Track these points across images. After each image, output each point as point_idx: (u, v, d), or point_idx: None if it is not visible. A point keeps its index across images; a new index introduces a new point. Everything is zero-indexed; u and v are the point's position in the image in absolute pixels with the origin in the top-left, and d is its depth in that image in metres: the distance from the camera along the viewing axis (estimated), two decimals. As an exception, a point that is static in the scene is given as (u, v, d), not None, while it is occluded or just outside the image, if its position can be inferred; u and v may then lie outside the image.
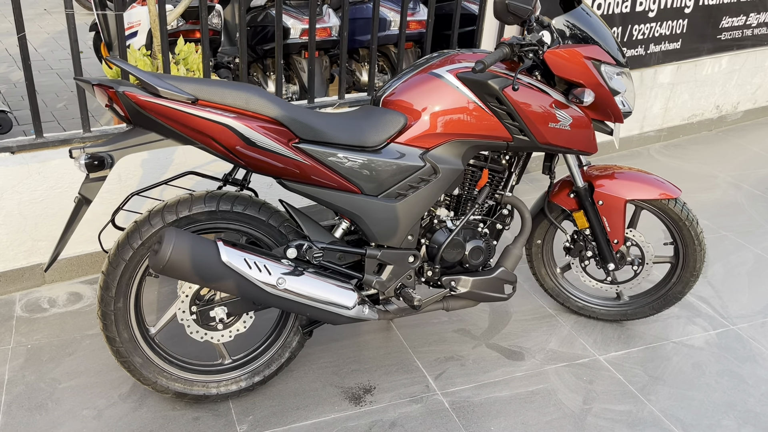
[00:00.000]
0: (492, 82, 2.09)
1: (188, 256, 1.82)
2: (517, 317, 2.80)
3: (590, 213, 2.48)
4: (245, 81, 3.08)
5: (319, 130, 2.00)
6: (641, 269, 2.61)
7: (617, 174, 2.47)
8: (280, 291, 1.95)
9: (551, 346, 2.62)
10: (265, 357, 2.24)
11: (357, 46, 5.04)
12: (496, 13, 2.01)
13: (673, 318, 2.83)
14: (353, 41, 4.95)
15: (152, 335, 2.14)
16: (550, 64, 2.16)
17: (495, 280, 2.34)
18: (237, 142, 1.90)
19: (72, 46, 2.64)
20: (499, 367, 2.49)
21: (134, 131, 1.93)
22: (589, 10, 2.28)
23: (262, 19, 4.55)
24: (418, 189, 2.15)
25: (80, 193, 1.89)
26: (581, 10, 2.26)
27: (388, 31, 4.84)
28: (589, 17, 2.26)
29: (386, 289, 2.21)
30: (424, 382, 2.39)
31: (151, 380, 2.11)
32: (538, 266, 2.76)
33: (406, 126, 2.13)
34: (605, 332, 2.72)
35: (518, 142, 2.20)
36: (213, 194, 2.06)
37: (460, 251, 2.27)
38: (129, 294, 2.03)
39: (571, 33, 2.23)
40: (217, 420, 2.16)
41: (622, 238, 2.50)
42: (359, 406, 2.26)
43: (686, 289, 2.61)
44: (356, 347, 2.55)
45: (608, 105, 2.24)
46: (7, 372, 2.32)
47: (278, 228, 2.11)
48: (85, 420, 2.13)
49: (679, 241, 2.55)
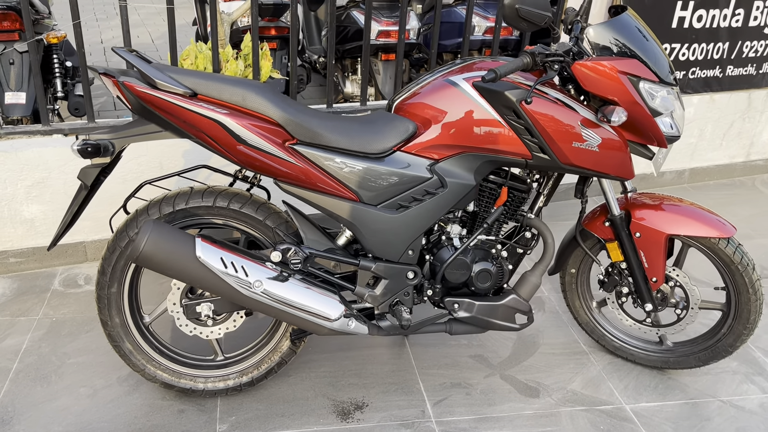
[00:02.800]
0: (509, 93, 1.92)
1: (163, 248, 1.81)
2: (545, 350, 2.58)
3: (626, 245, 2.22)
4: (331, 81, 3.08)
5: (317, 132, 1.93)
6: (685, 314, 2.31)
7: (662, 205, 2.20)
8: (257, 294, 1.90)
9: (573, 386, 2.38)
10: (254, 358, 2.20)
11: (441, 50, 4.93)
12: (506, 19, 1.84)
13: (728, 372, 2.49)
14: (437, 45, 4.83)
15: (146, 323, 2.16)
16: (579, 78, 1.96)
17: (504, 308, 2.16)
18: (228, 139, 1.87)
19: (170, 37, 2.76)
20: (507, 401, 2.30)
21: (137, 122, 1.96)
22: (635, 20, 2.04)
23: (344, 18, 4.55)
24: (422, 202, 2.02)
25: (78, 177, 1.94)
26: (626, 18, 2.03)
27: (472, 37, 4.68)
28: (634, 27, 2.02)
29: (379, 304, 2.10)
30: (422, 406, 2.25)
31: (139, 367, 2.13)
32: (571, 297, 2.52)
33: (415, 134, 2.01)
34: (641, 378, 2.44)
35: (538, 160, 2.00)
36: (212, 190, 2.05)
37: (465, 272, 2.12)
38: (123, 281, 2.07)
39: (610, 44, 2.00)
40: (201, 416, 2.16)
41: (662, 277, 2.22)
42: (345, 422, 2.16)
43: (738, 343, 2.28)
44: (361, 360, 2.45)
45: (647, 127, 2.00)
46: (27, 342, 2.45)
47: (275, 229, 2.06)
48: (80, 397, 2.20)
49: (731, 286, 2.23)
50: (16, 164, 2.68)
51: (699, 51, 3.81)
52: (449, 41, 4.79)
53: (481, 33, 4.69)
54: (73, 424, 2.09)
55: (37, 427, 2.07)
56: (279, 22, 4.16)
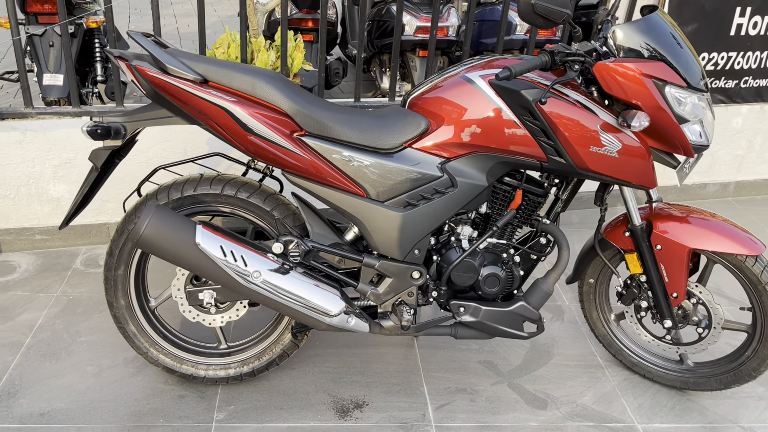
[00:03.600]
0: (525, 92, 1.85)
1: (163, 233, 1.81)
2: (558, 360, 2.49)
3: (646, 257, 2.12)
4: (360, 75, 3.06)
5: (326, 124, 1.90)
6: (707, 333, 2.19)
7: (687, 217, 2.08)
8: (256, 284, 1.88)
9: (584, 401, 2.29)
10: (256, 349, 2.19)
11: (482, 49, 4.84)
12: (522, 15, 1.76)
13: (753, 398, 2.35)
14: (478, 44, 4.75)
15: (152, 307, 2.18)
16: (600, 80, 1.87)
17: (511, 314, 2.09)
18: (235, 127, 1.86)
19: (200, 26, 2.79)
20: (513, 411, 2.23)
21: (149, 106, 1.97)
22: (666, 21, 1.93)
23: (384, 13, 4.51)
24: (430, 200, 1.97)
25: (89, 158, 1.96)
26: (656, 18, 1.92)
27: (513, 36, 4.57)
28: (664, 28, 1.91)
29: (382, 302, 2.06)
30: (423, 410, 2.20)
31: (142, 350, 2.15)
32: (589, 308, 2.43)
33: (427, 131, 1.96)
34: (657, 398, 2.33)
35: (553, 164, 1.93)
36: (221, 177, 2.04)
37: (473, 276, 2.05)
38: (130, 263, 2.08)
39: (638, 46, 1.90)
40: (200, 402, 2.16)
41: (683, 293, 2.11)
42: (343, 420, 2.13)
43: (762, 367, 2.15)
44: (367, 358, 2.42)
45: (673, 134, 1.89)
46: (42, 317, 2.50)
47: (282, 220, 2.04)
48: (85, 376, 2.23)
49: (758, 308, 2.10)
50: (45, 144, 2.74)
51: (753, 59, 3.62)
52: (490, 40, 4.70)
53: (523, 32, 4.58)
54: (75, 402, 2.12)
55: (40, 402, 2.11)
56: (317, 14, 4.15)
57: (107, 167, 2.05)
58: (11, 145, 2.71)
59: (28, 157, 2.75)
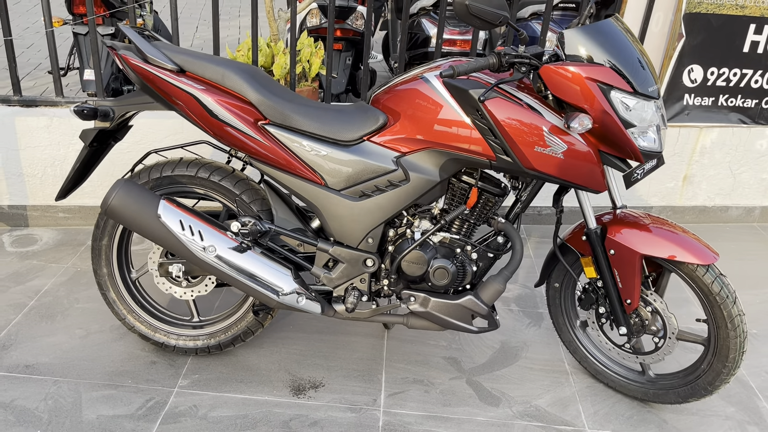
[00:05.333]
0: (473, 91, 1.93)
1: (128, 205, 2.00)
2: (524, 363, 2.51)
3: (601, 262, 2.14)
4: (366, 81, 3.22)
5: (289, 115, 2.04)
6: (663, 343, 2.18)
7: (643, 224, 2.09)
8: (209, 258, 2.03)
9: (539, 402, 2.31)
10: (223, 324, 2.34)
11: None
12: (458, 16, 1.85)
13: (719, 417, 2.30)
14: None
15: (132, 278, 2.37)
16: (546, 82, 1.92)
17: (459, 307, 2.15)
18: (202, 113, 2.03)
19: (214, 28, 3.01)
20: (464, 405, 2.27)
21: (136, 92, 2.17)
22: (619, 27, 1.97)
23: (415, 26, 4.65)
24: (384, 192, 2.07)
25: (80, 137, 2.18)
26: (608, 24, 1.96)
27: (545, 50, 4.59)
28: (615, 34, 1.95)
29: (335, 286, 2.17)
30: (375, 395, 2.29)
31: (120, 316, 2.34)
32: (555, 313, 2.45)
33: (385, 126, 2.07)
34: (617, 407, 2.31)
35: (501, 162, 1.99)
36: (197, 161, 2.21)
37: (422, 267, 2.13)
38: (114, 235, 2.28)
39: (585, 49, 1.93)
40: (168, 369, 2.32)
41: (636, 299, 2.11)
42: (296, 397, 2.25)
43: (717, 382, 2.11)
44: (334, 345, 2.52)
45: (619, 138, 1.92)
46: (49, 284, 2.75)
47: (249, 204, 2.19)
48: (73, 337, 2.45)
49: (711, 319, 2.07)
50: (69, 129, 3.02)
51: (774, 79, 3.52)
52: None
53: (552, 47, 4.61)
54: (58, 358, 2.33)
55: (28, 355, 2.34)
56: (344, 24, 4.33)
57: (102, 147, 2.27)
58: (40, 129, 3.01)
59: (54, 140, 3.03)
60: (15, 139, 3.02)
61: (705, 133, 3.58)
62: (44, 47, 6.57)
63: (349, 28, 4.35)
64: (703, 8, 3.28)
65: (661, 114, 1.98)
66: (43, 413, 2.09)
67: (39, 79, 5.55)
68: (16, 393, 2.16)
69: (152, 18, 4.49)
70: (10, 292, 2.69)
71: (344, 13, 4.30)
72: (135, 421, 2.09)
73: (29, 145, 3.03)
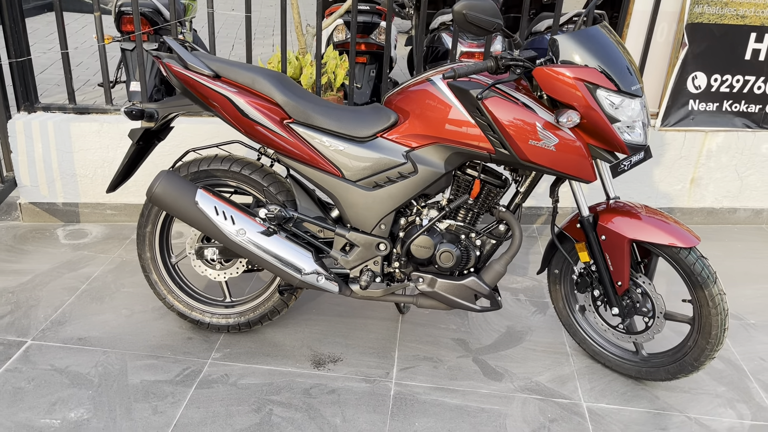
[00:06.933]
0: (473, 91, 2.17)
1: (170, 192, 2.28)
2: (528, 345, 2.71)
3: (594, 247, 2.34)
4: (386, 89, 3.48)
5: (310, 114, 2.31)
6: (652, 323, 2.36)
7: (631, 212, 2.29)
8: (240, 240, 2.30)
9: (539, 379, 2.51)
10: (252, 303, 2.61)
11: (532, 75, 5.09)
12: (457, 24, 2.09)
13: (709, 394, 2.47)
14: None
15: (172, 262, 2.65)
16: (539, 82, 2.15)
17: (463, 287, 2.37)
18: (235, 113, 2.31)
19: (247, 42, 3.34)
20: (469, 379, 2.49)
21: (177, 96, 2.47)
22: (605, 33, 2.19)
23: (435, 40, 4.91)
24: (395, 183, 2.32)
25: (129, 135, 2.48)
26: (595, 30, 2.19)
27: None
28: (602, 40, 2.17)
29: (351, 267, 2.41)
30: (388, 369, 2.51)
31: (161, 296, 2.62)
32: (555, 298, 2.65)
33: (396, 124, 2.32)
34: (613, 384, 2.50)
35: (500, 155, 2.22)
36: (230, 158, 2.49)
37: (429, 250, 2.36)
38: (156, 223, 2.57)
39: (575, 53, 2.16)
40: (203, 344, 2.59)
41: (626, 281, 2.31)
42: (316, 369, 2.49)
43: (702, 358, 2.29)
44: (353, 326, 2.76)
45: (604, 132, 2.13)
46: (98, 271, 3.06)
47: (276, 195, 2.46)
48: (119, 316, 2.74)
49: (695, 299, 2.25)
50: (118, 134, 3.35)
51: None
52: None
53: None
54: (107, 333, 2.62)
55: (80, 330, 2.63)
56: (369, 38, 4.62)
57: (147, 145, 2.56)
58: (92, 134, 3.34)
59: (104, 144, 3.36)
60: (69, 143, 3.35)
61: (710, 137, 3.74)
62: (92, 65, 7.03)
63: (373, 42, 4.64)
64: (704, 19, 3.47)
65: (645, 110, 2.19)
66: (94, 377, 2.37)
67: (87, 93, 5.96)
68: (71, 361, 2.45)
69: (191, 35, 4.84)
70: (64, 278, 3.00)
71: (369, 28, 4.59)
72: (173, 386, 2.35)
73: (82, 148, 3.36)
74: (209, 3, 3.28)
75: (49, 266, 3.09)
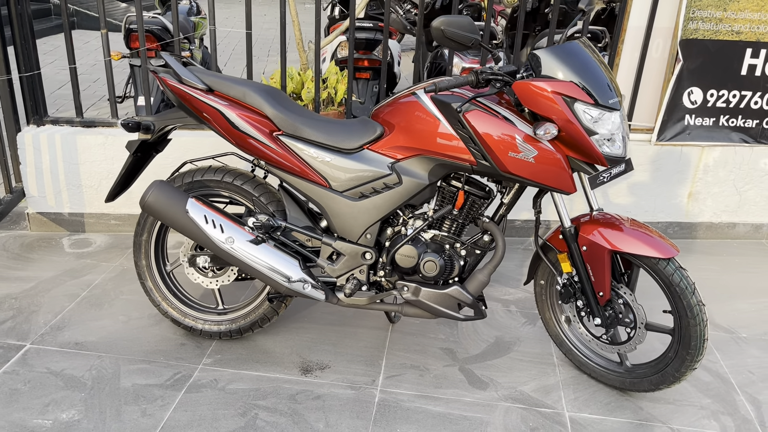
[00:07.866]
0: (454, 104, 2.23)
1: (161, 201, 2.37)
2: (515, 355, 2.74)
3: (576, 258, 2.38)
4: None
5: (298, 126, 2.38)
6: (634, 333, 2.38)
7: (612, 223, 2.32)
8: (228, 247, 2.37)
9: (524, 389, 2.53)
10: (243, 311, 2.67)
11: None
12: (435, 39, 2.16)
13: (694, 406, 2.47)
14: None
15: (167, 270, 2.73)
16: (518, 96, 2.20)
17: (446, 296, 2.41)
18: (226, 125, 2.39)
19: (248, 59, 3.44)
20: (454, 388, 2.52)
21: (173, 110, 2.56)
22: (583, 47, 2.24)
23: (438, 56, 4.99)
24: (380, 193, 2.38)
25: (126, 146, 2.57)
26: (574, 45, 2.24)
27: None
28: (580, 54, 2.22)
29: (337, 276, 2.47)
30: (374, 377, 2.56)
31: (155, 302, 2.70)
32: (542, 308, 2.68)
33: (382, 136, 2.38)
34: (597, 395, 2.52)
35: (481, 167, 2.27)
36: (223, 169, 2.57)
37: (413, 259, 2.41)
38: (152, 232, 2.65)
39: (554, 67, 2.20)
40: (195, 350, 2.66)
41: (607, 291, 2.34)
42: (304, 376, 2.54)
43: (683, 369, 2.30)
44: (342, 334, 2.81)
45: (582, 144, 2.18)
46: (99, 279, 3.15)
47: (266, 204, 2.53)
48: (117, 322, 2.82)
49: (674, 309, 2.28)
50: (122, 146, 3.45)
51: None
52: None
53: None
54: (102, 338, 2.70)
55: (78, 335, 2.71)
56: (371, 55, 4.71)
57: (145, 157, 2.65)
58: (97, 146, 3.45)
59: (109, 156, 3.47)
60: (76, 155, 3.47)
61: (707, 152, 3.76)
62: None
63: (376, 59, 4.73)
64: (699, 35, 3.50)
65: (623, 123, 2.23)
66: (88, 380, 2.45)
67: (102, 108, 6.13)
68: (66, 364, 2.53)
69: (201, 52, 4.97)
70: (66, 285, 3.09)
71: (371, 44, 4.68)
72: (163, 390, 2.42)
73: (87, 159, 3.47)
74: (211, 20, 3.39)
75: (52, 274, 3.19)
